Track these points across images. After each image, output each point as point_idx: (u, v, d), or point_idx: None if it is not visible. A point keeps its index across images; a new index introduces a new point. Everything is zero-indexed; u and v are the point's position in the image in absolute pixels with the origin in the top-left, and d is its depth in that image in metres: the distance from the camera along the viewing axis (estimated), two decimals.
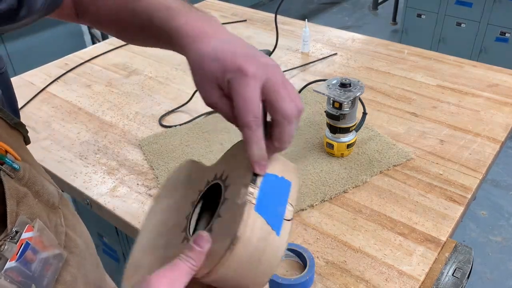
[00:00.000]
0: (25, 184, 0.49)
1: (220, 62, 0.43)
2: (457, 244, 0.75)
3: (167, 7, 0.52)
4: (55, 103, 1.18)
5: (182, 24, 0.49)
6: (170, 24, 0.50)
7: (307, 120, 1.06)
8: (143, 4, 0.54)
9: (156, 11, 0.52)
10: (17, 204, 0.46)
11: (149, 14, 0.53)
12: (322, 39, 1.46)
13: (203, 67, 0.44)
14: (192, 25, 0.48)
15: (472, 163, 0.91)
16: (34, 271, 0.45)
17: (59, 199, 0.57)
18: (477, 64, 1.27)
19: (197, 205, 0.50)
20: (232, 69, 0.42)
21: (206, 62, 0.44)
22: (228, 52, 0.44)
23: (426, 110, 1.08)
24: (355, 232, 0.77)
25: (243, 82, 0.41)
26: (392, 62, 1.30)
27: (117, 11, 0.58)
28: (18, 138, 0.54)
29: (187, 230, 0.47)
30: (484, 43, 2.82)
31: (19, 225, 0.45)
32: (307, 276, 0.66)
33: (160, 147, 0.99)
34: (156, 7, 0.52)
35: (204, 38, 0.47)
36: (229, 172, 0.47)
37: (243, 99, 0.41)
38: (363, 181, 0.87)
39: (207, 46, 0.46)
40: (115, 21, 0.60)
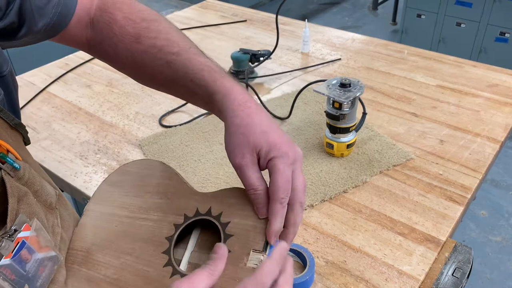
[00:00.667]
0: (25, 184, 0.50)
1: (267, 137, 0.51)
2: (457, 244, 0.75)
3: (210, 69, 0.56)
4: (56, 103, 1.18)
5: (229, 88, 0.54)
6: (216, 84, 0.55)
7: (307, 120, 1.06)
8: (182, 59, 0.57)
9: (198, 70, 0.56)
10: (17, 202, 0.47)
11: (188, 70, 0.57)
12: (322, 39, 1.46)
13: (248, 133, 0.51)
14: (238, 92, 0.54)
15: (472, 163, 0.91)
16: (29, 271, 0.45)
17: (56, 199, 0.57)
18: (477, 64, 1.27)
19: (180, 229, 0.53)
20: (279, 150, 0.50)
21: (254, 131, 0.51)
22: (275, 134, 0.51)
23: (426, 110, 1.08)
24: (355, 232, 0.77)
25: (287, 165, 0.50)
26: (392, 62, 1.30)
27: (143, 58, 0.60)
28: (18, 138, 0.54)
29: (171, 256, 0.50)
30: (484, 43, 2.83)
31: (18, 223, 0.45)
32: (307, 276, 0.66)
33: (160, 147, 0.99)
34: (198, 66, 0.57)
35: (251, 109, 0.53)
36: (229, 217, 0.51)
37: (284, 179, 0.49)
38: (363, 181, 0.87)
39: (255, 118, 0.52)
40: (138, 66, 0.61)
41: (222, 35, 1.52)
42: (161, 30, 0.60)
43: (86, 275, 0.53)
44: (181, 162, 0.94)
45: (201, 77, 0.56)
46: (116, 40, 0.60)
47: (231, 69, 1.26)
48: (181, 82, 0.58)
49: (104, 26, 0.61)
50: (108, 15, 0.61)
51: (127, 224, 0.56)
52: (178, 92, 0.62)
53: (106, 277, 0.52)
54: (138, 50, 0.59)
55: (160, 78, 0.60)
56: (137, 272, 0.51)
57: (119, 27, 0.60)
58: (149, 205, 0.56)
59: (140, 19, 0.61)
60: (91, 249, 0.55)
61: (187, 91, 0.58)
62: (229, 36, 1.51)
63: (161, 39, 0.59)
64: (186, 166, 0.93)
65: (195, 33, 1.54)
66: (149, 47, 0.59)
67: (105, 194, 0.60)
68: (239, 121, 0.52)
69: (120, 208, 0.58)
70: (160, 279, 0.49)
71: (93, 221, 0.58)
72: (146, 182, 0.59)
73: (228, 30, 1.56)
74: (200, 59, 0.57)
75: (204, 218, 0.53)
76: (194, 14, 1.70)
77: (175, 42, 0.59)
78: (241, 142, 0.51)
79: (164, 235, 0.53)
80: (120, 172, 0.62)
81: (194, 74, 0.56)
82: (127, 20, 0.60)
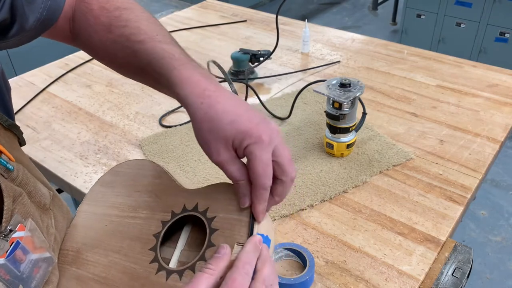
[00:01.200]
0: (19, 185, 0.50)
1: (237, 126, 0.48)
2: (457, 244, 0.75)
3: (171, 56, 0.53)
4: (56, 103, 1.18)
5: (186, 78, 0.51)
6: (173, 73, 0.52)
7: (307, 120, 1.06)
8: (146, 47, 0.55)
9: (159, 58, 0.53)
10: (13, 202, 0.47)
11: (151, 58, 0.54)
12: (322, 39, 1.46)
13: (216, 128, 0.48)
14: (196, 80, 0.51)
15: (472, 163, 0.91)
16: (23, 271, 0.44)
17: (50, 200, 0.57)
18: (477, 64, 1.27)
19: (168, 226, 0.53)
20: (252, 136, 0.47)
21: (220, 125, 0.48)
22: (244, 119, 0.48)
23: (426, 110, 1.08)
24: (355, 232, 0.77)
25: (263, 150, 0.47)
26: (392, 62, 1.30)
27: (115, 48, 0.58)
28: (12, 139, 0.54)
29: (157, 253, 0.50)
30: (484, 43, 2.83)
31: (13, 223, 0.45)
32: (307, 276, 0.66)
33: (160, 147, 0.99)
34: (160, 53, 0.54)
35: (211, 98, 0.50)
36: (215, 212, 0.51)
37: (263, 164, 0.47)
38: (363, 181, 0.87)
39: (217, 108, 0.49)
40: (111, 56, 0.60)
41: (222, 35, 1.52)
42: (131, 18, 0.59)
43: (76, 274, 0.53)
44: (181, 162, 0.95)
45: (161, 66, 0.53)
46: (91, 30, 0.59)
47: (231, 69, 1.26)
48: (147, 71, 0.56)
49: (81, 16, 0.60)
50: (85, 5, 0.60)
51: (117, 223, 0.56)
52: (147, 82, 0.60)
53: (95, 276, 0.52)
54: (109, 39, 0.58)
55: (131, 68, 0.59)
56: (124, 270, 0.51)
57: (94, 17, 0.59)
58: (138, 203, 0.57)
59: (114, 7, 0.59)
60: (81, 248, 0.55)
61: (154, 81, 0.56)
62: (229, 36, 1.51)
63: (130, 27, 0.57)
64: (186, 166, 0.93)
65: (195, 33, 1.54)
66: (118, 36, 0.58)
67: (97, 195, 0.61)
68: (202, 116, 0.49)
69: (111, 208, 0.58)
70: (146, 276, 0.50)
71: (85, 222, 0.59)
72: (136, 182, 0.59)
73: (228, 30, 1.56)
74: (163, 46, 0.55)
75: (191, 214, 0.53)
76: (194, 14, 1.70)
77: (143, 30, 0.57)
78: (211, 139, 0.49)
79: (152, 232, 0.53)
80: (112, 173, 0.62)
81: (156, 63, 0.54)
82: (102, 9, 0.59)
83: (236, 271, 0.43)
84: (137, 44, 0.56)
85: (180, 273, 0.48)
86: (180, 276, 0.48)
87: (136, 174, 0.61)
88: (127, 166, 0.62)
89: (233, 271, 0.43)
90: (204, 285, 0.42)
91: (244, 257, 0.44)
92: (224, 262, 0.45)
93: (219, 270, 0.44)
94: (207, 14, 1.69)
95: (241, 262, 0.44)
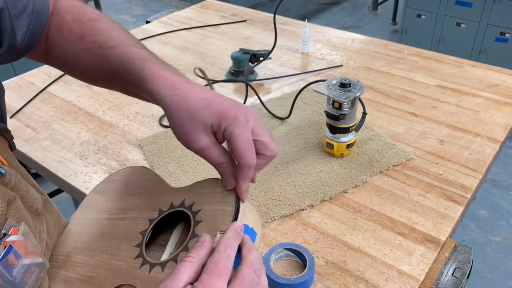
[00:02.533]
0: (11, 189, 0.49)
1: (212, 110, 0.49)
2: (457, 244, 0.75)
3: (142, 57, 0.55)
4: (56, 103, 1.18)
5: (157, 73, 0.53)
6: (145, 71, 0.53)
7: (307, 120, 1.06)
8: (118, 51, 0.56)
9: (131, 60, 0.55)
10: (7, 206, 0.46)
11: (123, 61, 0.56)
12: (322, 39, 1.46)
13: (193, 115, 0.49)
14: (166, 76, 0.53)
15: (472, 163, 0.91)
16: (15, 276, 0.44)
17: (43, 205, 0.57)
18: (477, 64, 1.27)
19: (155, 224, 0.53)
20: (229, 117, 0.49)
21: (196, 111, 0.49)
22: (217, 102, 0.50)
23: (426, 110, 1.08)
24: (355, 232, 0.77)
25: (242, 129, 0.48)
26: (392, 62, 1.30)
27: (86, 57, 0.59)
28: (3, 143, 0.54)
29: (142, 248, 0.50)
30: (484, 43, 2.83)
31: (7, 227, 0.45)
32: (307, 276, 0.66)
33: (160, 147, 0.99)
34: (131, 56, 0.56)
35: (182, 89, 0.51)
36: (200, 206, 0.51)
37: (245, 142, 0.48)
38: (363, 181, 0.87)
39: (190, 97, 0.50)
40: (83, 65, 0.61)
41: (222, 35, 1.52)
42: (103, 27, 0.60)
43: (63, 277, 0.53)
44: (181, 162, 0.94)
45: (133, 67, 0.55)
46: (64, 42, 0.60)
47: (231, 69, 1.26)
48: (118, 74, 0.57)
49: (55, 29, 0.61)
50: (58, 18, 0.61)
51: (106, 226, 0.57)
52: (119, 87, 0.61)
53: (81, 276, 0.52)
54: (82, 49, 0.59)
55: (102, 74, 0.60)
56: (110, 267, 0.51)
57: (67, 29, 0.60)
58: (128, 205, 0.57)
59: (87, 19, 0.61)
60: (71, 252, 0.56)
61: (125, 84, 0.58)
62: (229, 36, 1.51)
63: (102, 35, 0.59)
64: (186, 166, 0.93)
65: (195, 33, 1.54)
66: (91, 44, 0.59)
67: (90, 202, 0.62)
68: (177, 106, 0.50)
69: (102, 213, 0.59)
70: (130, 271, 0.50)
71: (76, 228, 0.59)
72: (128, 187, 0.60)
73: (228, 30, 1.56)
74: (135, 49, 0.57)
75: (177, 210, 0.53)
76: (194, 14, 1.70)
77: (114, 36, 0.59)
78: (190, 128, 0.50)
79: (139, 230, 0.53)
80: (106, 182, 0.64)
81: (127, 64, 0.55)
82: (75, 21, 0.61)
83: (217, 254, 0.43)
84: (109, 49, 0.57)
85: (162, 265, 0.48)
86: (163, 267, 0.48)
87: (129, 180, 0.61)
88: (120, 174, 0.63)
89: (214, 255, 0.43)
90: (186, 273, 0.42)
91: (225, 242, 0.44)
92: (205, 250, 0.44)
93: (200, 257, 0.43)
94: (207, 14, 1.69)
95: (222, 247, 0.44)
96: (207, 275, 0.41)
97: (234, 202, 0.50)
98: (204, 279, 0.41)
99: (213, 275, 0.41)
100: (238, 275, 0.43)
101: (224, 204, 0.50)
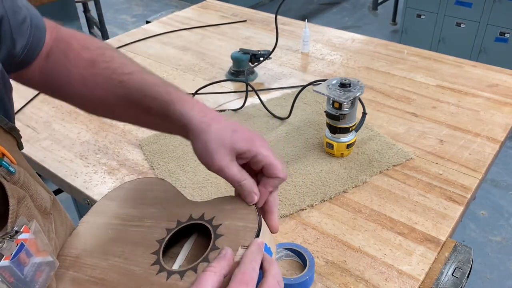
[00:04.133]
0: (21, 188, 0.49)
1: (241, 135, 0.54)
2: (457, 244, 0.75)
3: (164, 83, 0.58)
4: (56, 103, 1.18)
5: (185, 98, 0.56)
6: (172, 95, 0.56)
7: (307, 120, 1.06)
8: (136, 77, 0.59)
9: (152, 84, 0.58)
10: (17, 204, 0.46)
11: (143, 85, 0.58)
12: (322, 39, 1.46)
13: (222, 137, 0.54)
14: (194, 101, 0.57)
15: (472, 163, 0.91)
16: (26, 275, 0.44)
17: (51, 204, 0.57)
18: (477, 64, 1.27)
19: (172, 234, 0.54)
20: (257, 142, 0.54)
21: (226, 133, 0.54)
22: (243, 130, 0.55)
23: (425, 110, 1.08)
24: (355, 232, 0.77)
25: (268, 149, 0.55)
26: (392, 62, 1.31)
27: (96, 81, 0.60)
28: (12, 142, 0.54)
29: (159, 256, 0.51)
30: (484, 43, 2.83)
31: (19, 224, 0.45)
32: (307, 276, 0.66)
33: (160, 147, 0.99)
34: (151, 81, 0.58)
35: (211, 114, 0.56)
36: (220, 220, 0.53)
37: (273, 159, 0.54)
38: (363, 181, 0.87)
39: (219, 120, 0.55)
40: (91, 88, 0.61)
41: (222, 35, 1.52)
42: (115, 56, 0.62)
43: (71, 277, 0.53)
44: (181, 162, 0.95)
45: (156, 91, 0.57)
46: (70, 66, 0.61)
47: (231, 69, 1.26)
48: (134, 97, 0.59)
49: (59, 53, 0.62)
50: (64, 44, 0.63)
51: (119, 231, 0.57)
52: (131, 111, 0.62)
53: (91, 277, 0.52)
54: (91, 73, 0.61)
55: (113, 97, 0.61)
56: (124, 272, 0.51)
57: (74, 54, 0.62)
58: (143, 214, 0.58)
59: (95, 47, 0.63)
60: (80, 254, 0.56)
61: (141, 108, 0.59)
62: (229, 36, 1.51)
63: (115, 62, 0.61)
64: (186, 166, 0.93)
65: (195, 33, 1.54)
66: (103, 70, 0.60)
67: (101, 208, 0.62)
68: (206, 127, 0.54)
69: (114, 218, 0.59)
70: (146, 276, 0.50)
71: (86, 231, 0.59)
72: (143, 196, 0.61)
73: (228, 30, 1.56)
74: (154, 77, 0.59)
75: (197, 222, 0.54)
76: (194, 14, 1.70)
77: (129, 65, 0.61)
78: (217, 147, 0.53)
79: (155, 238, 0.54)
80: (119, 189, 0.64)
81: (148, 89, 0.57)
82: (83, 48, 0.62)
83: (244, 266, 0.45)
84: (125, 75, 0.59)
85: (181, 274, 0.49)
86: (182, 276, 0.48)
87: (143, 189, 0.62)
88: (135, 183, 0.64)
89: (241, 267, 0.45)
90: (209, 282, 0.43)
91: (250, 255, 0.47)
92: (226, 262, 0.46)
93: (222, 268, 0.45)
94: (207, 14, 1.69)
95: (248, 259, 0.46)
96: (235, 284, 0.43)
97: (257, 221, 0.51)
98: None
99: (241, 284, 0.43)
100: (263, 285, 0.45)
101: (247, 221, 0.52)
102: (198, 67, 1.33)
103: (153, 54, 1.41)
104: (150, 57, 1.39)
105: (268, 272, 0.47)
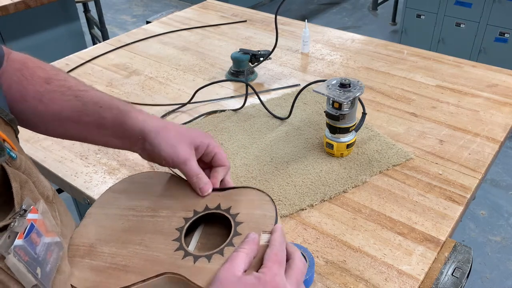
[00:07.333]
0: (22, 173, 0.50)
1: (195, 132, 0.64)
2: (457, 244, 0.75)
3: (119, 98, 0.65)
4: None
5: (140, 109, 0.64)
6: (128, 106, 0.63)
7: (307, 120, 1.06)
8: (92, 93, 0.64)
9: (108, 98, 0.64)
10: (20, 188, 0.47)
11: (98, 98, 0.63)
12: (322, 39, 1.47)
13: (180, 133, 0.62)
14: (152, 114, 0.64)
15: (472, 163, 0.91)
16: (39, 254, 0.44)
17: (53, 194, 0.57)
18: (477, 64, 1.27)
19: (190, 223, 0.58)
20: (208, 136, 0.64)
21: (182, 131, 0.63)
22: (194, 129, 0.65)
23: (425, 110, 1.08)
24: (354, 232, 0.78)
25: (217, 144, 0.65)
26: (392, 62, 1.31)
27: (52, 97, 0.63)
28: (11, 133, 0.55)
29: (181, 242, 0.55)
30: (484, 43, 2.83)
31: (26, 204, 0.45)
32: (307, 276, 0.66)
33: None
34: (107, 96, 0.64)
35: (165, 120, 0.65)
36: (237, 210, 0.58)
37: (223, 153, 0.65)
38: (363, 181, 0.87)
39: (175, 124, 0.64)
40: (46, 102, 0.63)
41: (222, 35, 1.52)
42: (69, 77, 0.66)
43: (89, 265, 0.54)
44: None
45: (112, 103, 0.63)
46: (26, 83, 0.63)
47: (231, 69, 1.26)
48: (90, 109, 0.62)
49: (14, 72, 0.63)
50: (18, 63, 0.64)
51: (135, 221, 0.59)
52: (82, 125, 0.64)
53: (112, 264, 0.54)
54: (47, 89, 0.63)
55: (67, 111, 0.63)
56: (147, 258, 0.54)
57: (30, 72, 0.64)
58: (157, 205, 0.61)
59: (50, 68, 0.65)
60: (95, 243, 0.57)
61: (94, 119, 0.63)
62: (229, 36, 1.51)
63: (70, 81, 0.65)
64: None
65: (195, 33, 1.54)
66: (58, 87, 0.63)
67: (109, 199, 0.64)
68: (163, 127, 0.61)
69: (127, 210, 0.61)
70: (172, 261, 0.53)
71: (97, 221, 0.60)
72: (152, 189, 0.64)
73: (228, 30, 1.56)
74: (108, 94, 0.65)
75: (214, 212, 0.58)
76: (194, 14, 1.70)
77: (83, 84, 0.65)
78: (179, 141, 0.61)
79: (174, 227, 0.57)
80: (126, 181, 0.66)
81: (104, 101, 0.63)
82: (38, 68, 0.65)
83: (275, 248, 0.50)
84: (81, 91, 0.63)
85: (208, 257, 0.52)
86: (209, 259, 0.52)
87: (151, 182, 0.65)
88: (141, 176, 0.67)
89: (273, 248, 0.50)
90: (242, 260, 0.49)
91: (279, 238, 0.52)
92: (255, 245, 0.51)
93: (251, 250, 0.50)
94: (207, 14, 1.69)
95: (277, 242, 0.51)
96: (271, 263, 0.48)
97: (274, 210, 0.56)
98: (269, 266, 0.48)
99: (275, 263, 0.49)
100: (292, 265, 0.50)
101: (264, 210, 0.56)
102: (198, 67, 1.33)
103: (153, 54, 1.41)
104: (150, 57, 1.39)
105: (294, 255, 0.52)
